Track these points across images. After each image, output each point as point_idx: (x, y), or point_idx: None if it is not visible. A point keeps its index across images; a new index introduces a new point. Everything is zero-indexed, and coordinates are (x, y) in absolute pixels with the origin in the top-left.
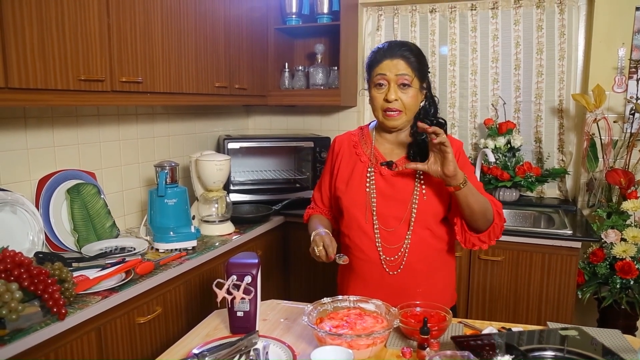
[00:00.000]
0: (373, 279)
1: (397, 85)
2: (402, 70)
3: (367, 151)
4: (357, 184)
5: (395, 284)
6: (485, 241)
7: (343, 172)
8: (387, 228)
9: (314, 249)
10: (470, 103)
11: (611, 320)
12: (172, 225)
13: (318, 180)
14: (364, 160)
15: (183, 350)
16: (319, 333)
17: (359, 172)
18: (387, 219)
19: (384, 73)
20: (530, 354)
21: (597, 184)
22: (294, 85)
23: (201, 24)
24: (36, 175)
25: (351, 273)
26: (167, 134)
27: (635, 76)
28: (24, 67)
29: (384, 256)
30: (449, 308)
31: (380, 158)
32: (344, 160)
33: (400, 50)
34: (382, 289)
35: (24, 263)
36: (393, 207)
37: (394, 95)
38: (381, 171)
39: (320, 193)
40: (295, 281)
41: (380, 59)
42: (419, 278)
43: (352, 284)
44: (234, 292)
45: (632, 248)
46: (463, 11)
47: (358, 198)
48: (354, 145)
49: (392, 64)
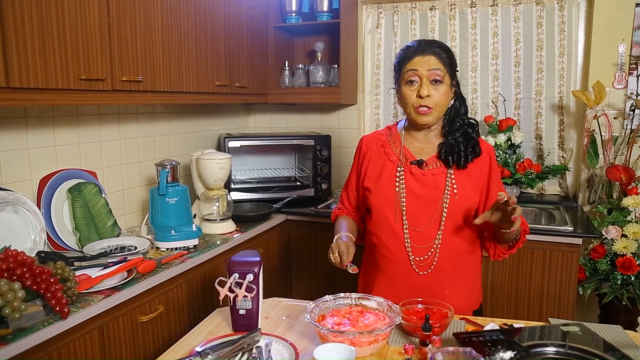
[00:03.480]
0: (401, 279)
1: (429, 81)
2: (434, 66)
3: (396, 150)
4: (386, 183)
5: (423, 285)
6: (510, 253)
7: (372, 171)
8: (416, 228)
9: (330, 255)
10: (470, 100)
11: (612, 316)
12: (174, 224)
13: (345, 181)
14: (393, 160)
15: (185, 349)
16: (321, 330)
17: (388, 171)
18: (417, 218)
19: (416, 69)
20: (532, 350)
21: (598, 181)
22: (294, 84)
23: (201, 23)
24: (37, 175)
25: (378, 272)
26: (167, 132)
27: (635, 72)
28: (25, 67)
29: (413, 257)
30: (476, 310)
31: (409, 157)
32: (372, 160)
33: (432, 47)
34: (410, 290)
35: (26, 262)
36: (424, 206)
37: (427, 91)
38: (411, 170)
39: (347, 193)
40: (297, 279)
41: (411, 55)
42: (447, 279)
43: (377, 282)
44: (236, 290)
45: (633, 244)
46: (463, 8)
47: (388, 197)
48: (382, 144)
49: (423, 59)
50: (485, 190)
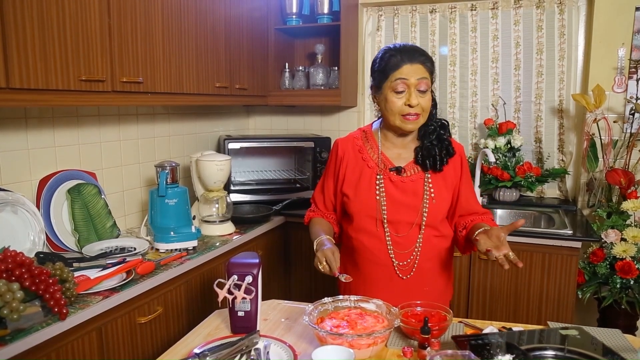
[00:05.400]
0: (382, 282)
1: (417, 89)
2: (422, 75)
3: (374, 156)
4: (366, 191)
5: (405, 287)
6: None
7: (350, 177)
8: (398, 234)
9: (317, 264)
10: (470, 103)
11: (611, 319)
12: (173, 226)
13: (319, 182)
14: (372, 166)
15: (184, 350)
16: (320, 333)
17: (367, 179)
18: (398, 224)
19: (406, 78)
20: (530, 354)
21: (597, 184)
22: (294, 86)
23: (202, 25)
24: (37, 176)
25: (358, 273)
26: (167, 134)
27: (635, 76)
28: (25, 68)
29: (397, 262)
30: (449, 301)
31: (388, 163)
32: (349, 165)
33: (419, 56)
34: (390, 292)
35: (25, 263)
36: (404, 212)
37: (416, 100)
38: (390, 177)
39: (322, 196)
40: (296, 281)
41: (399, 63)
42: (427, 279)
43: (359, 284)
44: (235, 291)
45: (632, 248)
46: (463, 11)
47: (368, 205)
48: (359, 149)
49: (412, 68)
50: (458, 190)
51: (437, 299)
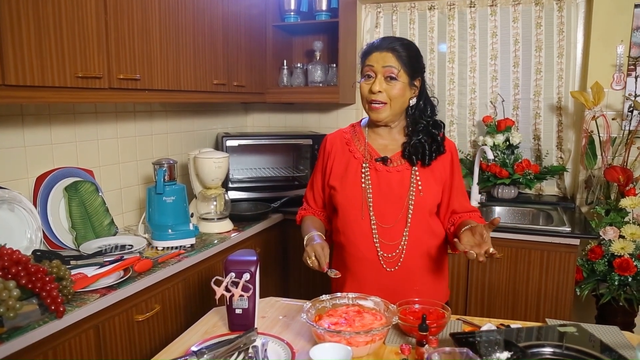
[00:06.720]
0: (369, 277)
1: (384, 77)
2: (388, 62)
3: (361, 147)
4: (351, 180)
5: (392, 283)
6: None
7: (337, 169)
8: (384, 225)
9: (306, 259)
10: (469, 100)
11: (609, 317)
12: (171, 223)
13: (309, 180)
14: (358, 157)
15: (181, 348)
16: (318, 330)
17: (354, 169)
18: (384, 215)
19: (372, 64)
20: (528, 351)
21: (596, 181)
22: (293, 83)
23: (199, 21)
24: (34, 173)
25: (347, 272)
26: (165, 131)
27: (633, 73)
28: (21, 64)
29: (382, 252)
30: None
31: (374, 154)
32: (337, 158)
33: (392, 44)
34: (378, 288)
35: (21, 261)
36: (390, 203)
37: (379, 86)
38: (376, 167)
39: (312, 192)
40: (294, 278)
41: (370, 50)
42: (415, 275)
43: (347, 282)
44: (232, 289)
45: (630, 245)
46: (462, 8)
47: (354, 195)
48: (346, 142)
49: (380, 56)
50: (449, 187)
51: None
